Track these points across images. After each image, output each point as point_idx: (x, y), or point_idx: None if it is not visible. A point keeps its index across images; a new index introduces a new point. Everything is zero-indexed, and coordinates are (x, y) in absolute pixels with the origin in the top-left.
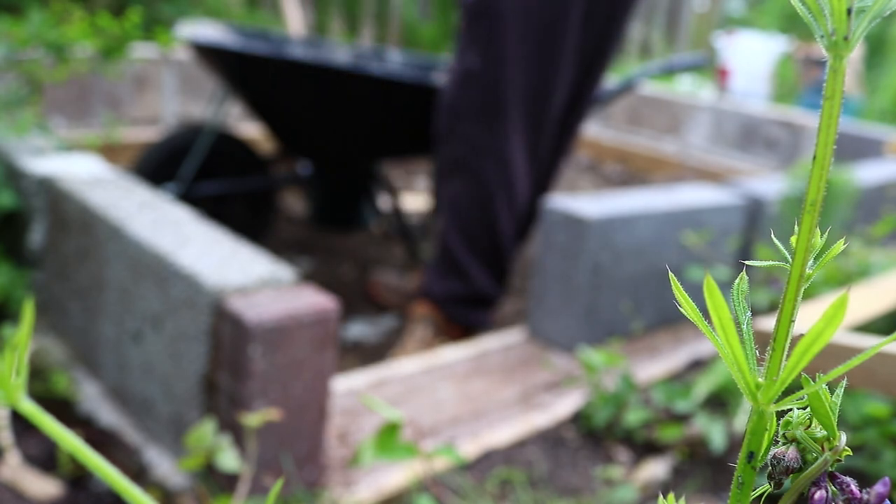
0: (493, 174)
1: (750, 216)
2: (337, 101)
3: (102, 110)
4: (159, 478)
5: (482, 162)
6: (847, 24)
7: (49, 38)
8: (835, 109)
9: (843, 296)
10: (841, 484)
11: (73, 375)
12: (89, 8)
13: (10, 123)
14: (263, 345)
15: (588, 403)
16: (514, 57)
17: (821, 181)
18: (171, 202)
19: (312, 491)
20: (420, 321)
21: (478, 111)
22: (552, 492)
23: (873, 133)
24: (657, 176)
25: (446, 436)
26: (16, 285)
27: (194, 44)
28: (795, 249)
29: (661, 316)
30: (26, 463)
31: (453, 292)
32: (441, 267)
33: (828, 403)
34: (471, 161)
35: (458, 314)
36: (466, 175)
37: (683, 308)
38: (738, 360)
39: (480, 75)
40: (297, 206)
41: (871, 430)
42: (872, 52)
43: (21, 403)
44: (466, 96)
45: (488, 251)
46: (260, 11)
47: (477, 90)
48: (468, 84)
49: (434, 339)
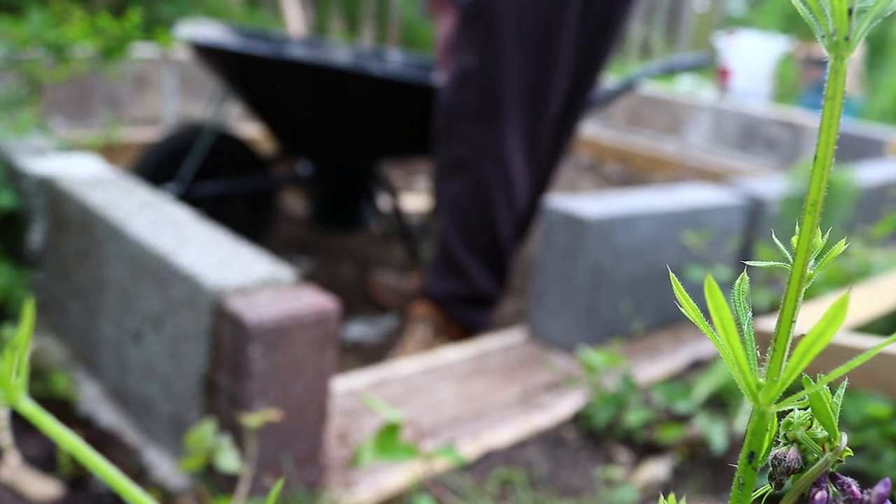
0: (492, 174)
1: (750, 216)
2: (337, 101)
3: (102, 110)
4: (159, 478)
5: (481, 162)
6: (848, 24)
7: (49, 39)
8: (836, 110)
9: (844, 296)
10: (842, 484)
11: (72, 376)
12: (89, 8)
13: (10, 123)
14: (263, 345)
15: (588, 404)
16: (512, 56)
17: (822, 181)
18: (171, 202)
19: (312, 491)
20: (420, 321)
21: (476, 111)
22: (552, 492)
23: (874, 133)
24: (657, 176)
25: (446, 436)
26: (16, 285)
27: (194, 44)
28: (796, 250)
29: (661, 316)
30: (26, 463)
31: (453, 292)
32: (441, 267)
33: (829, 404)
34: (470, 161)
35: (458, 314)
36: (465, 175)
37: (684, 308)
38: (740, 361)
39: (478, 75)
40: (297, 206)
41: (872, 430)
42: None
43: (21, 403)
44: (464, 96)
45: (488, 251)
46: (260, 11)
47: (475, 90)
48: (466, 84)
49: (434, 340)
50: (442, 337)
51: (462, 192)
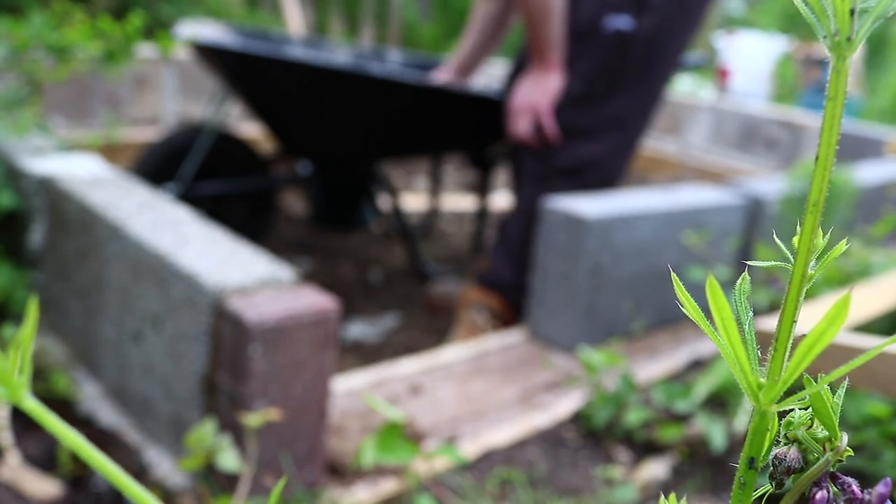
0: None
1: (750, 216)
2: (337, 101)
3: (102, 110)
4: (159, 478)
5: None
6: (850, 24)
7: (50, 41)
8: (837, 110)
9: (846, 296)
10: (842, 484)
11: (73, 375)
12: (90, 9)
13: (10, 123)
14: (263, 345)
15: (588, 403)
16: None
17: (823, 181)
18: (171, 202)
19: (312, 491)
20: (473, 307)
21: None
22: (552, 492)
23: (873, 133)
24: (657, 176)
25: (446, 436)
26: (16, 285)
27: (194, 44)
28: (798, 250)
29: (661, 316)
30: (26, 463)
31: (520, 281)
32: (509, 256)
33: (829, 404)
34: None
35: (519, 300)
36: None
37: (685, 308)
38: (741, 361)
39: (639, 37)
40: (297, 206)
41: (872, 430)
42: (873, 52)
43: (25, 401)
44: (625, 61)
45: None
46: (260, 11)
47: (636, 52)
48: (626, 47)
49: (486, 325)
50: (496, 322)
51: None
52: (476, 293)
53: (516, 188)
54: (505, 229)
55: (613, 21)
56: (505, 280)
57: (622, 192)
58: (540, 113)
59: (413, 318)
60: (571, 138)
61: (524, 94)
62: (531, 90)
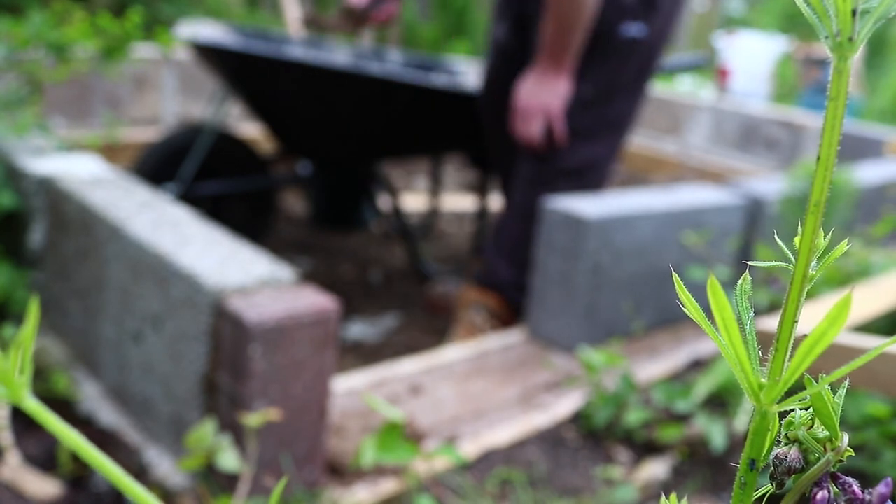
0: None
1: (750, 216)
2: (337, 101)
3: (102, 110)
4: (159, 478)
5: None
6: (852, 25)
7: (50, 39)
8: (839, 110)
9: (847, 297)
10: (843, 484)
11: (73, 375)
12: (90, 8)
13: (10, 123)
14: (263, 345)
15: (588, 403)
16: (667, 21)
17: (825, 182)
18: (171, 202)
19: (312, 491)
20: (471, 307)
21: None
22: (552, 492)
23: (873, 133)
24: (657, 176)
25: (446, 436)
26: (16, 285)
27: (194, 44)
28: (799, 250)
29: (661, 316)
30: (26, 463)
31: (518, 280)
32: (508, 256)
33: (830, 404)
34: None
35: (517, 299)
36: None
37: (686, 308)
38: (742, 361)
39: (644, 41)
40: (297, 206)
41: (872, 430)
42: (873, 52)
43: (25, 401)
44: (628, 69)
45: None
46: (260, 11)
47: (640, 57)
48: (632, 53)
49: (485, 324)
50: (494, 321)
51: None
52: (474, 293)
53: (510, 187)
54: (501, 229)
55: (630, 29)
56: (503, 279)
57: (622, 192)
58: (552, 116)
59: (413, 318)
60: (575, 140)
61: (533, 96)
62: (539, 91)
